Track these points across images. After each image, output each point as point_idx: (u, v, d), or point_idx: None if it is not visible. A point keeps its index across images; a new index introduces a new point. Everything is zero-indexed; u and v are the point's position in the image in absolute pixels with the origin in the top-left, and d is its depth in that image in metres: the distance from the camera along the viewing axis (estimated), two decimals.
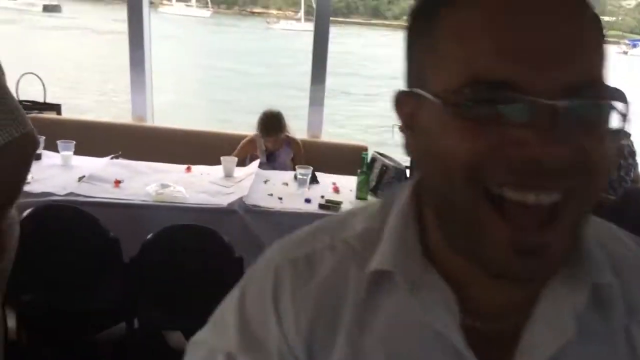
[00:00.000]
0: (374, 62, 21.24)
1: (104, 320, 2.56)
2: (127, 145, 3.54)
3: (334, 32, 4.05)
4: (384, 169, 3.01)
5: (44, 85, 4.14)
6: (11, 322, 2.34)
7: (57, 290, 2.34)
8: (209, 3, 37.62)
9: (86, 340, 2.59)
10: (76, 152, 3.12)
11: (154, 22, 4.23)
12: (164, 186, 2.74)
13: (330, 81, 4.01)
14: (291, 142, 3.66)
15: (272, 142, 3.56)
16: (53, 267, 2.27)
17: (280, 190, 2.96)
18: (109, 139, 3.77)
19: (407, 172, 3.22)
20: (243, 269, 2.22)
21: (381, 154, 3.16)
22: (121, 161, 3.22)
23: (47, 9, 29.66)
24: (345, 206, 2.78)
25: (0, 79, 1.70)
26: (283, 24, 33.63)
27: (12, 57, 3.29)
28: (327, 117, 4.20)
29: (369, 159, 3.06)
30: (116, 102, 11.22)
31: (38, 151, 2.92)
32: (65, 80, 13.02)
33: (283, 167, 3.54)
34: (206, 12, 36.33)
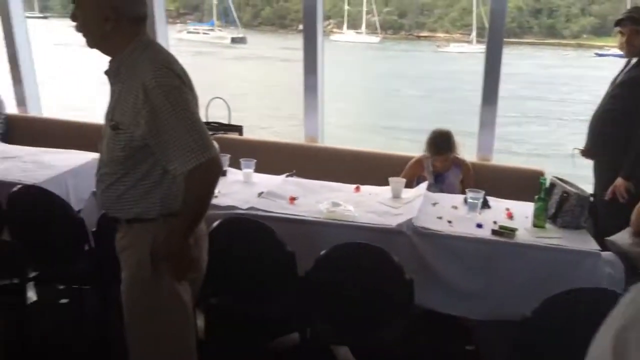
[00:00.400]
0: (562, 85, 19.86)
1: (279, 329, 2.70)
2: (300, 164, 3.72)
3: (504, 52, 3.88)
4: (565, 195, 2.78)
5: (229, 109, 4.56)
6: (200, 323, 2.57)
7: (239, 297, 2.51)
8: (378, 29, 38.47)
9: (263, 345, 2.75)
10: (256, 170, 3.37)
11: (327, 50, 4.44)
12: (335, 204, 2.83)
13: (518, 105, 3.82)
14: (460, 163, 3.56)
15: (440, 161, 3.49)
16: (236, 275, 2.45)
17: (450, 213, 2.88)
18: (285, 157, 4.00)
19: (591, 199, 2.93)
20: (413, 291, 2.21)
21: (561, 179, 2.93)
22: (295, 179, 3.40)
23: (234, 40, 32.74)
24: (521, 234, 2.62)
25: (193, 106, 1.79)
26: (452, 46, 33.11)
27: (205, 84, 3.68)
28: (519, 143, 3.98)
29: (547, 184, 2.85)
30: (295, 123, 11.95)
31: (224, 168, 3.22)
32: (251, 103, 14.21)
33: (451, 189, 3.45)
34: (375, 38, 37.18)
